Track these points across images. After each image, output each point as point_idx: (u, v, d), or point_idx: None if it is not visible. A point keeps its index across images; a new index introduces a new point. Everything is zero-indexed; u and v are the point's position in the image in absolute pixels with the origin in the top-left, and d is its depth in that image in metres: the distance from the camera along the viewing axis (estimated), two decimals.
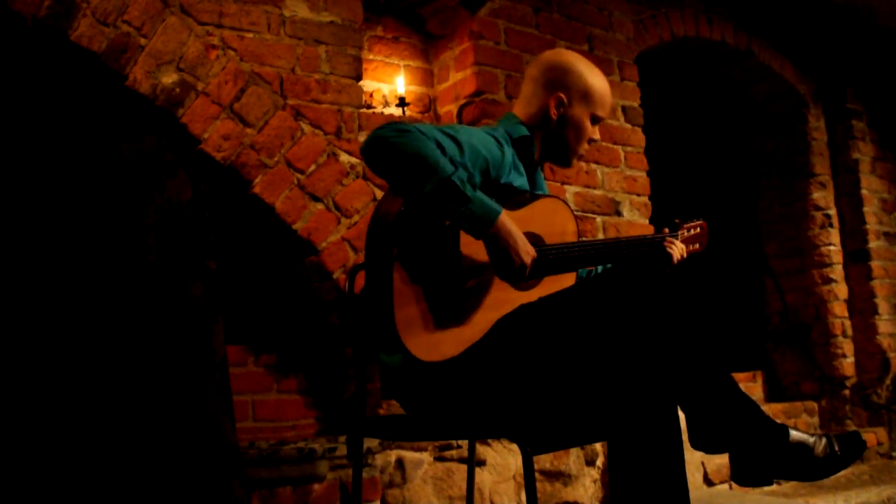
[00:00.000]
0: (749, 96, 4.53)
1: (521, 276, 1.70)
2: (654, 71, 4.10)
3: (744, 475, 1.58)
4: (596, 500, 2.92)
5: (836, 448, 1.57)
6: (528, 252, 1.67)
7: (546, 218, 1.86)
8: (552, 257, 1.79)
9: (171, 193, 2.16)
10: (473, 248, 1.71)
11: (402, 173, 1.62)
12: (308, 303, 2.63)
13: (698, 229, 2.14)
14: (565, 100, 1.92)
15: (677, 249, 1.97)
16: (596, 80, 1.95)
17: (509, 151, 1.86)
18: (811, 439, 1.57)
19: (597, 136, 1.99)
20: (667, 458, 1.60)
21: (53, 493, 1.82)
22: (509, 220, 1.65)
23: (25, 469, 1.81)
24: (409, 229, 1.65)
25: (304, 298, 2.64)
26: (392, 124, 1.65)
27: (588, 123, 1.95)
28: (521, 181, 1.89)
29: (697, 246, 2.14)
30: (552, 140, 1.96)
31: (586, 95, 1.93)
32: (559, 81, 1.93)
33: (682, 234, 2.09)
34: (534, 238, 1.82)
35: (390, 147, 1.62)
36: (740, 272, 4.72)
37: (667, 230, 2.08)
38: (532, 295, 1.79)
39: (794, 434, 1.56)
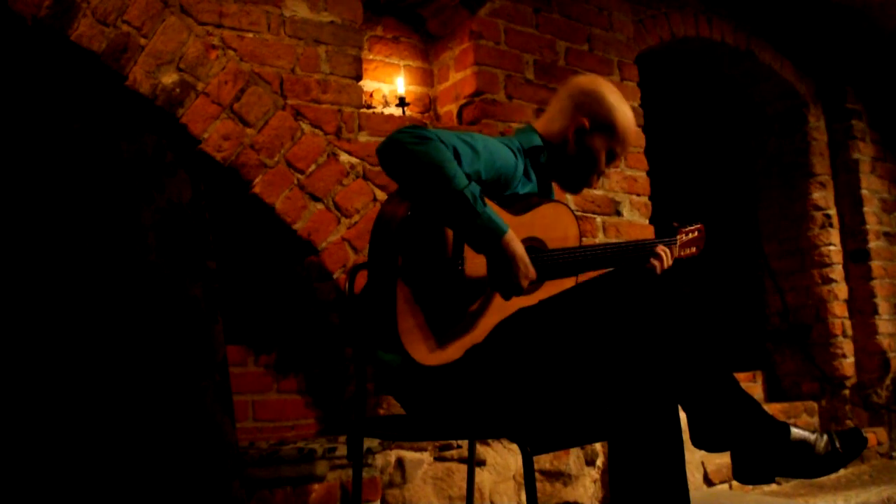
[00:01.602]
0: (749, 96, 4.53)
1: (518, 294, 1.71)
2: (654, 71, 4.10)
3: (745, 473, 1.58)
4: (596, 500, 2.92)
5: (838, 445, 1.57)
6: (526, 275, 1.67)
7: (548, 223, 1.87)
8: (553, 263, 1.80)
9: (171, 193, 2.16)
10: (477, 254, 1.71)
11: (417, 181, 1.62)
12: (308, 303, 2.63)
13: (696, 233, 2.14)
14: (587, 126, 1.93)
15: (659, 264, 1.95)
16: (623, 116, 1.94)
17: (522, 162, 1.88)
18: (812, 437, 1.57)
19: (608, 172, 2.00)
20: (667, 457, 1.60)
21: (53, 493, 1.82)
22: (514, 240, 1.65)
23: (26, 469, 1.81)
24: (414, 235, 1.65)
25: (304, 298, 2.64)
26: (412, 129, 1.64)
27: (603, 156, 1.96)
28: (529, 187, 1.92)
29: (694, 249, 2.15)
30: (564, 163, 1.97)
31: (609, 129, 1.93)
32: (586, 108, 1.93)
33: (681, 237, 2.10)
34: (536, 242, 1.83)
35: (408, 154, 1.61)
36: (740, 272, 4.72)
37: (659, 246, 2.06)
38: (533, 299, 1.79)
39: (795, 432, 1.57)
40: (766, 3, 4.09)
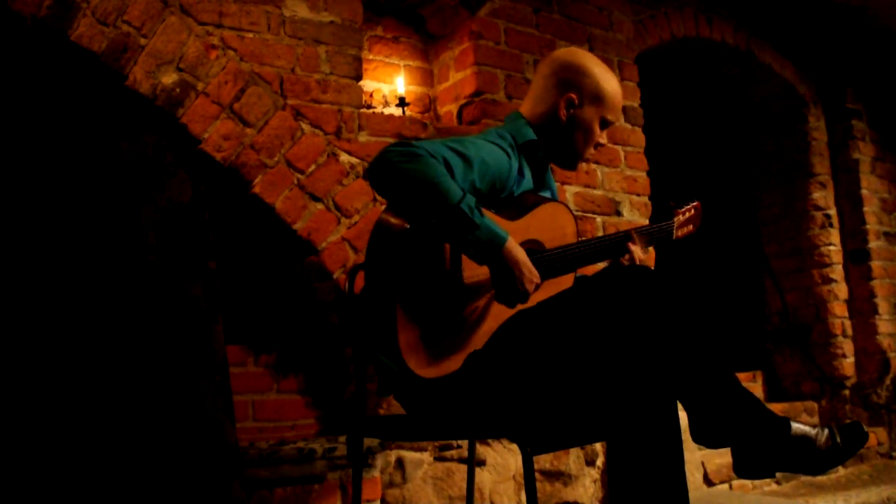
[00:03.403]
0: (749, 96, 4.53)
1: (524, 301, 1.70)
2: (654, 71, 4.10)
3: (746, 468, 1.58)
4: (596, 500, 2.92)
5: (838, 439, 1.56)
6: (531, 280, 1.66)
7: (546, 223, 1.86)
8: (552, 262, 1.79)
9: (171, 193, 2.16)
10: (476, 264, 1.71)
11: (411, 200, 1.60)
12: (308, 303, 2.63)
13: (692, 211, 2.15)
14: (576, 100, 1.90)
15: (635, 254, 1.94)
16: (609, 83, 1.92)
17: (516, 159, 1.86)
18: (813, 431, 1.56)
19: (604, 140, 1.96)
20: (667, 457, 1.60)
21: (53, 493, 1.82)
22: (515, 247, 1.64)
23: (26, 469, 1.81)
24: (413, 249, 1.64)
25: (304, 298, 2.64)
26: (400, 146, 1.62)
27: (597, 127, 1.93)
28: (524, 184, 1.90)
29: (691, 227, 2.15)
30: (559, 141, 1.94)
31: (598, 98, 1.90)
32: (571, 82, 1.90)
33: (678, 218, 2.10)
34: (535, 244, 1.83)
35: (399, 173, 1.59)
36: (740, 272, 4.72)
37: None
38: (532, 300, 1.79)
39: (795, 427, 1.56)
40: (766, 3, 4.09)
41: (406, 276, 1.62)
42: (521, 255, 1.65)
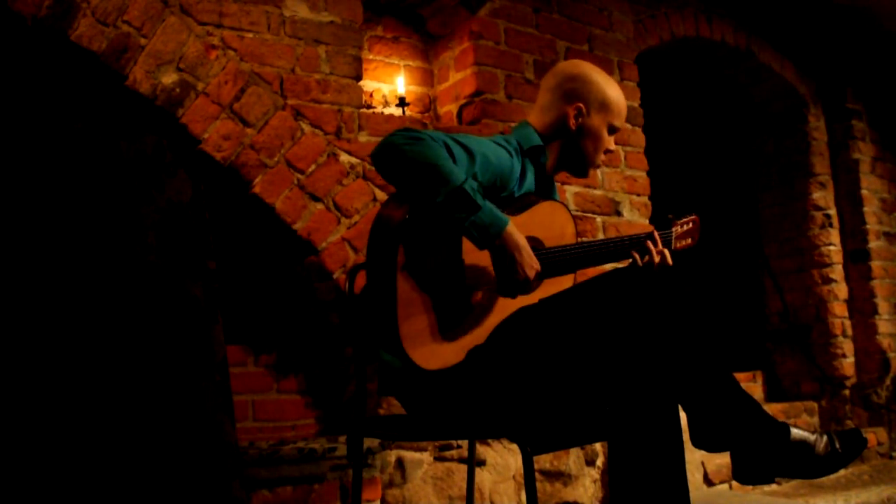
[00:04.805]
0: (749, 96, 4.53)
1: (525, 290, 1.70)
2: (654, 71, 4.10)
3: (745, 473, 1.58)
4: (596, 500, 2.92)
5: (838, 445, 1.57)
6: (532, 266, 1.67)
7: (545, 221, 1.88)
8: (551, 260, 1.80)
9: (171, 193, 2.16)
10: (477, 256, 1.71)
11: (415, 182, 1.62)
12: (308, 303, 2.63)
13: (691, 224, 2.16)
14: (584, 110, 1.94)
15: (639, 256, 1.93)
16: (613, 90, 1.97)
17: (518, 162, 1.88)
18: (812, 437, 1.57)
19: (613, 146, 2.02)
20: (667, 457, 1.60)
21: (53, 493, 1.82)
22: (516, 232, 1.66)
23: (26, 469, 1.81)
24: (413, 238, 1.64)
25: (304, 298, 2.64)
26: (403, 131, 1.66)
27: (605, 133, 1.98)
28: (526, 188, 1.91)
29: (689, 241, 2.16)
30: (570, 150, 1.98)
31: (604, 105, 1.95)
32: (577, 92, 1.95)
33: (676, 229, 2.11)
34: (534, 241, 1.83)
35: (402, 155, 1.62)
36: (740, 272, 4.72)
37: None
38: (532, 298, 1.79)
39: (795, 432, 1.56)
40: (766, 3, 4.08)
41: (405, 265, 1.62)
42: (521, 240, 1.66)
